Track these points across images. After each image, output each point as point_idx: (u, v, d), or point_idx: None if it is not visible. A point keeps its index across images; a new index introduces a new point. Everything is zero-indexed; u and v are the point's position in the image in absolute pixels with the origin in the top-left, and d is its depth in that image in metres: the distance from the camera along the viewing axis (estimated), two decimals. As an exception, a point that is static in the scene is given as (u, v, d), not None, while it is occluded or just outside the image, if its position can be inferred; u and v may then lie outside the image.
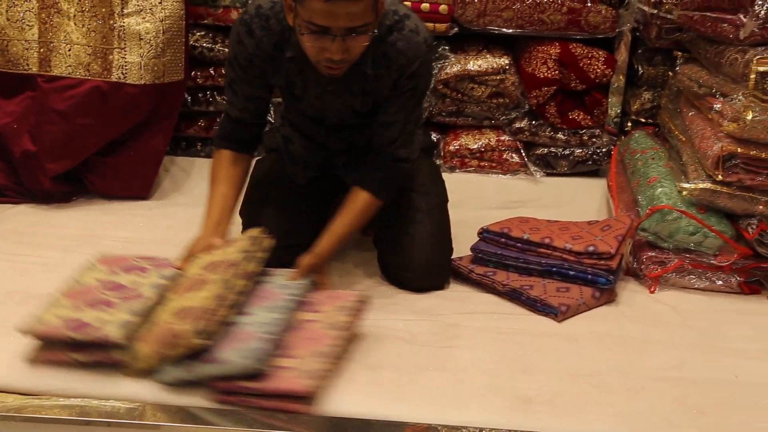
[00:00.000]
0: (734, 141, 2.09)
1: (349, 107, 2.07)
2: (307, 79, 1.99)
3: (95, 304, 1.70)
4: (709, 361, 1.83)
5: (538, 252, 2.16)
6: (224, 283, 1.70)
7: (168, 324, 1.61)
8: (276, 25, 1.93)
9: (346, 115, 2.11)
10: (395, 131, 2.05)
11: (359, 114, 2.09)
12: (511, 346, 1.85)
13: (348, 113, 2.09)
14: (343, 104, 2.06)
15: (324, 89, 2.01)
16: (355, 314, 1.80)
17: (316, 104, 2.07)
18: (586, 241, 2.12)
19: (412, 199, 2.21)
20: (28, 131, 2.63)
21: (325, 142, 2.21)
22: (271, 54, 1.96)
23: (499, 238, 2.21)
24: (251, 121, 2.12)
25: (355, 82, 1.98)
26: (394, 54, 1.93)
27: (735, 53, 2.15)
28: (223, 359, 1.57)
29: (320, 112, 2.11)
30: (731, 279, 2.19)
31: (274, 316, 1.70)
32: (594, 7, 2.81)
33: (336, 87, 2.00)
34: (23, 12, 2.62)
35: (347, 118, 2.12)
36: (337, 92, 2.02)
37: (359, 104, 2.05)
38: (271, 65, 1.98)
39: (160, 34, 2.60)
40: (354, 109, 2.07)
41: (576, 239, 2.14)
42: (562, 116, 2.89)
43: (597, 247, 2.09)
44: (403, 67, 1.94)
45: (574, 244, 2.11)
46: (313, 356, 1.63)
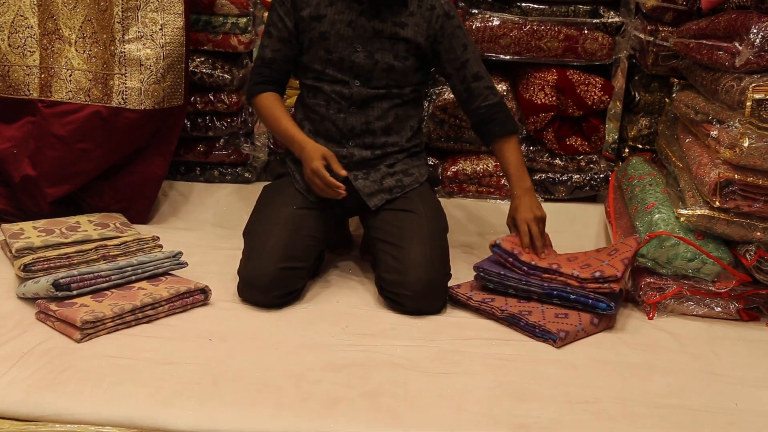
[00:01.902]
0: (731, 167, 2.09)
1: (377, 35, 2.28)
2: (339, 8, 2.27)
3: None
4: (709, 388, 1.83)
5: (542, 277, 2.16)
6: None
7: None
8: None
9: (374, 50, 2.28)
10: (474, 66, 2.36)
11: (386, 53, 2.29)
12: (510, 372, 1.85)
13: (375, 49, 2.28)
14: (372, 30, 2.27)
15: (358, 12, 2.26)
16: (183, 297, 2.07)
17: (346, 35, 2.27)
18: (594, 268, 2.12)
19: (413, 222, 2.23)
20: (28, 156, 2.64)
21: (345, 128, 2.33)
22: None
23: (507, 257, 2.21)
24: (281, 65, 2.38)
25: (388, 11, 2.28)
26: None
27: (731, 80, 2.17)
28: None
29: (347, 50, 2.28)
30: (730, 306, 2.19)
31: (119, 266, 2.10)
32: (591, 34, 2.83)
33: (368, 9, 2.26)
34: (25, 38, 2.63)
35: (373, 61, 2.29)
36: (368, 16, 2.27)
37: (389, 31, 2.28)
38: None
39: (160, 60, 2.62)
40: (382, 36, 2.28)
41: (584, 267, 2.15)
42: (560, 142, 2.91)
43: (603, 272, 2.09)
44: (434, 8, 2.31)
45: (582, 272, 2.12)
46: (112, 306, 1.95)
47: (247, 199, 2.90)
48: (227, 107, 2.93)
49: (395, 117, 2.35)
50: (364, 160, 2.34)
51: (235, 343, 1.93)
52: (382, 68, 2.30)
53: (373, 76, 2.31)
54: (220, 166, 3.05)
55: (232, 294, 2.19)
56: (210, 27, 2.88)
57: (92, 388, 1.69)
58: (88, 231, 2.42)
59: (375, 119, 2.33)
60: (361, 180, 2.32)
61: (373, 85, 2.31)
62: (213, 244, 2.60)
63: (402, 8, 2.29)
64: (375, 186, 2.32)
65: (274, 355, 1.88)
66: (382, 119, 2.34)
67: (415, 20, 2.30)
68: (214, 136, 3.00)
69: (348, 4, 2.27)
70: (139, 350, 1.86)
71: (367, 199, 2.30)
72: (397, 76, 2.33)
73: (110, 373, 1.75)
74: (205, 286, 2.13)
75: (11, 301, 2.10)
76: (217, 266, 2.37)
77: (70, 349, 1.85)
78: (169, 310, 2.05)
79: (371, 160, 2.35)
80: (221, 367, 1.80)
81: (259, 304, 2.13)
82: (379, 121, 2.34)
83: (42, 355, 1.81)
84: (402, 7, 2.29)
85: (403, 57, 2.31)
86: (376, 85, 2.31)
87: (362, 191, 2.30)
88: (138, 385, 1.71)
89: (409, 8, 2.29)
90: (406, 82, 2.36)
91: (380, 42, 2.29)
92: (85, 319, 1.88)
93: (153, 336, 1.94)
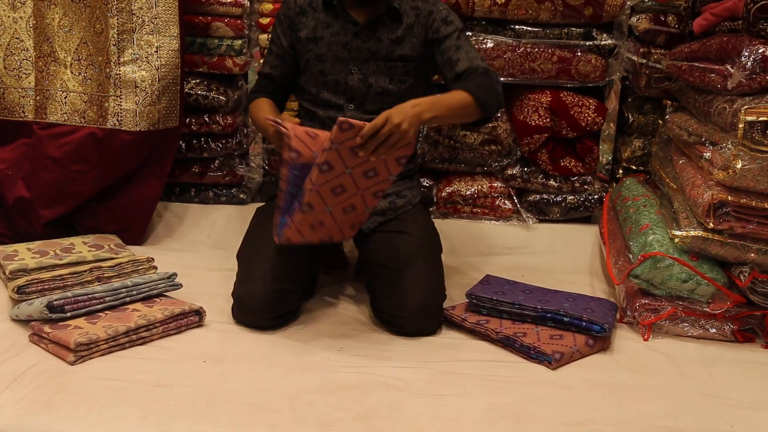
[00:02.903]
0: (724, 189, 2.10)
1: (373, 57, 2.28)
2: (335, 30, 2.29)
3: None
4: (704, 410, 1.82)
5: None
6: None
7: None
8: None
9: (368, 72, 2.29)
10: (468, 60, 2.25)
11: (381, 77, 2.28)
12: (505, 394, 1.84)
13: (370, 72, 2.29)
14: (368, 52, 2.28)
15: (353, 33, 2.27)
16: (177, 319, 2.07)
17: (342, 57, 2.29)
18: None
19: (407, 243, 2.23)
20: (22, 178, 2.64)
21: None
22: (305, 8, 2.33)
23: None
24: (278, 81, 2.43)
25: (384, 30, 2.28)
26: (421, 4, 2.31)
27: (723, 103, 2.18)
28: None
29: (342, 73, 2.29)
30: (725, 327, 2.19)
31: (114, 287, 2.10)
32: (584, 56, 2.86)
33: (364, 31, 2.27)
34: (20, 61, 2.64)
35: (367, 85, 2.29)
36: (364, 37, 2.27)
37: (385, 51, 2.28)
38: (302, 18, 2.33)
39: (155, 81, 2.63)
40: (378, 58, 2.28)
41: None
42: (554, 163, 2.92)
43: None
44: (431, 13, 2.29)
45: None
46: (106, 328, 1.95)
47: (242, 221, 2.90)
48: (222, 128, 2.94)
49: None
50: None
51: (229, 364, 1.92)
52: (376, 92, 2.31)
53: (368, 100, 2.32)
54: (215, 187, 3.05)
55: (226, 315, 2.19)
56: (205, 49, 2.90)
57: (86, 411, 1.68)
58: (82, 252, 2.41)
59: None
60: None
61: (367, 109, 2.32)
62: (208, 265, 2.60)
63: (397, 24, 2.29)
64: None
65: (269, 376, 1.87)
66: None
67: (413, 32, 2.30)
68: (209, 158, 3.00)
69: (344, 26, 2.29)
70: (133, 372, 1.85)
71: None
72: (392, 100, 2.25)
73: (104, 396, 1.74)
74: (200, 308, 2.13)
75: (5, 323, 2.09)
76: (212, 287, 2.36)
77: (64, 371, 1.84)
78: (163, 332, 2.04)
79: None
80: (215, 389, 1.79)
81: (254, 326, 2.12)
82: None
83: (35, 378, 1.80)
84: (397, 23, 2.29)
85: (399, 80, 2.32)
86: (370, 110, 2.31)
87: None
88: (132, 407, 1.70)
89: (404, 22, 2.29)
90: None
91: (376, 64, 2.30)
92: (79, 341, 1.87)
93: (147, 358, 1.93)
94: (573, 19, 2.83)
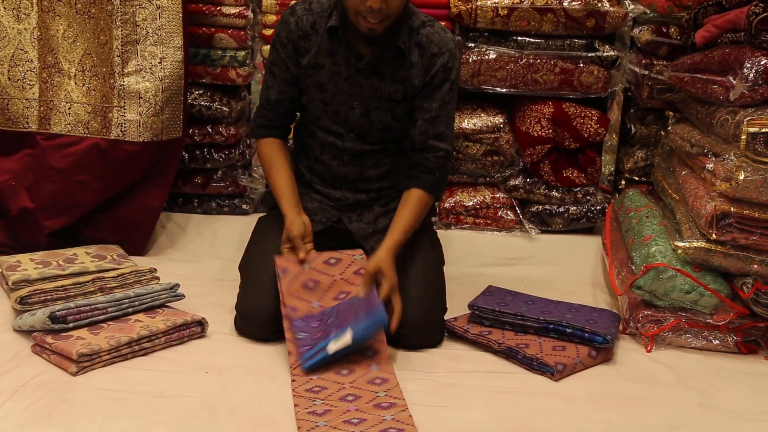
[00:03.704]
0: (727, 200, 2.10)
1: (375, 94, 2.21)
2: (338, 60, 2.19)
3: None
4: (707, 422, 1.82)
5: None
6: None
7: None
8: (317, 8, 2.21)
9: (371, 108, 2.22)
10: (441, 125, 2.23)
11: (384, 113, 2.23)
12: (507, 405, 1.84)
13: (372, 108, 2.23)
14: (370, 89, 2.20)
15: (355, 68, 2.18)
16: (179, 329, 2.06)
17: (343, 90, 2.21)
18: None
19: (409, 257, 2.22)
20: (26, 188, 2.65)
21: (338, 174, 2.30)
22: (308, 32, 2.20)
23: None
24: (287, 106, 2.31)
25: (388, 67, 2.19)
26: (427, 43, 2.18)
27: (726, 114, 2.19)
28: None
29: (344, 106, 2.23)
30: (728, 338, 2.18)
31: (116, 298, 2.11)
32: (586, 68, 2.86)
33: (367, 66, 2.18)
34: (25, 72, 2.65)
35: (369, 121, 2.24)
36: (366, 73, 2.19)
37: (387, 90, 2.20)
38: (305, 43, 2.21)
39: (159, 92, 2.64)
40: (380, 95, 2.21)
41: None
42: (557, 174, 2.92)
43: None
44: (435, 56, 2.18)
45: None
46: (108, 338, 1.95)
47: (244, 231, 2.89)
48: (225, 139, 2.95)
49: (391, 164, 2.33)
50: (358, 202, 2.34)
51: (231, 375, 1.92)
52: (378, 128, 2.26)
53: (369, 134, 2.27)
54: (218, 197, 3.06)
55: (228, 326, 2.18)
56: (209, 60, 2.91)
57: (87, 422, 1.67)
58: (85, 263, 2.42)
59: (370, 167, 2.31)
60: (356, 222, 2.31)
61: (369, 141, 2.28)
62: (210, 276, 2.60)
63: (402, 60, 2.19)
64: (369, 228, 2.31)
65: (271, 387, 1.87)
66: (377, 167, 2.32)
67: (416, 71, 2.20)
68: (211, 168, 3.01)
69: (346, 57, 2.19)
70: (135, 383, 1.85)
71: (363, 242, 2.29)
72: (393, 135, 2.28)
73: (106, 407, 1.73)
74: (202, 319, 2.13)
75: (7, 333, 2.09)
76: (214, 298, 2.36)
77: (66, 382, 1.84)
78: (165, 343, 2.04)
79: (366, 201, 2.34)
80: (218, 400, 1.79)
81: (256, 338, 2.12)
82: (374, 169, 2.32)
83: (37, 389, 1.80)
84: (402, 59, 2.19)
85: (402, 118, 2.26)
86: (372, 141, 2.28)
87: (357, 234, 2.30)
88: (134, 418, 1.70)
89: (408, 59, 2.19)
90: (404, 137, 2.30)
91: (378, 101, 2.22)
92: (81, 352, 1.87)
93: (149, 369, 1.93)
94: (575, 30, 2.84)
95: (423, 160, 2.23)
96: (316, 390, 1.85)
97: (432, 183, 2.23)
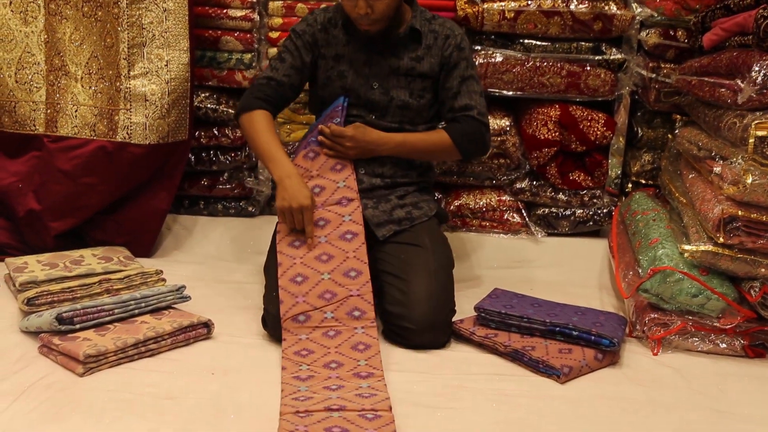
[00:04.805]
0: (735, 204, 2.10)
1: (393, 72, 2.35)
2: (356, 47, 2.36)
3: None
4: (714, 425, 1.81)
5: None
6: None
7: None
8: (332, 9, 2.43)
9: (389, 87, 2.36)
10: (465, 99, 2.37)
11: (402, 91, 2.36)
12: (513, 408, 1.83)
13: (391, 86, 2.36)
14: (389, 68, 2.35)
15: (373, 50, 2.34)
16: (185, 331, 2.07)
17: (363, 73, 2.35)
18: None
19: (419, 256, 2.24)
20: (33, 190, 2.66)
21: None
22: (325, 26, 2.40)
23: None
24: (287, 91, 2.41)
25: (404, 49, 2.36)
26: (440, 29, 2.39)
27: (733, 117, 2.18)
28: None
29: (364, 88, 2.36)
30: (735, 342, 2.18)
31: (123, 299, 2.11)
32: (593, 71, 2.86)
33: (385, 49, 2.34)
34: (32, 74, 2.66)
35: (388, 98, 2.36)
36: (386, 54, 2.35)
37: (405, 68, 2.35)
38: (324, 36, 2.40)
39: (165, 95, 2.64)
40: (398, 73, 2.35)
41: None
42: (563, 177, 2.92)
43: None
44: (448, 38, 2.38)
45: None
46: (115, 340, 1.95)
47: (250, 233, 2.91)
48: (231, 141, 2.95)
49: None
50: (374, 187, 2.36)
51: (237, 377, 1.92)
52: (398, 105, 2.37)
53: (388, 113, 2.38)
54: (224, 200, 3.06)
55: (235, 328, 2.19)
56: (215, 63, 2.91)
57: (94, 423, 1.68)
58: (91, 265, 2.42)
59: (388, 164, 2.39)
60: (371, 209, 2.33)
61: (388, 120, 2.38)
62: (216, 277, 2.60)
63: (417, 44, 2.36)
64: (384, 216, 2.33)
65: (277, 389, 1.86)
66: (394, 161, 2.39)
67: (431, 53, 2.37)
68: (218, 170, 3.01)
69: (364, 44, 2.35)
70: (141, 384, 1.85)
71: (376, 229, 2.31)
72: (411, 114, 2.39)
73: (112, 408, 1.74)
74: (208, 320, 2.13)
75: (14, 335, 2.10)
76: (221, 300, 2.36)
77: (73, 383, 1.84)
78: (171, 344, 2.04)
79: (381, 188, 2.37)
80: (224, 402, 1.79)
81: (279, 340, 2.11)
82: (390, 165, 2.39)
83: (44, 390, 1.80)
84: (417, 43, 2.36)
85: (418, 95, 2.37)
86: (391, 121, 2.38)
87: (371, 220, 2.31)
88: (140, 419, 1.70)
89: (423, 43, 2.37)
90: (420, 120, 2.42)
91: (396, 79, 2.37)
92: (88, 353, 1.87)
93: (155, 370, 1.93)
94: (582, 33, 2.84)
95: (453, 120, 2.39)
96: (303, 354, 1.99)
97: (456, 131, 2.36)
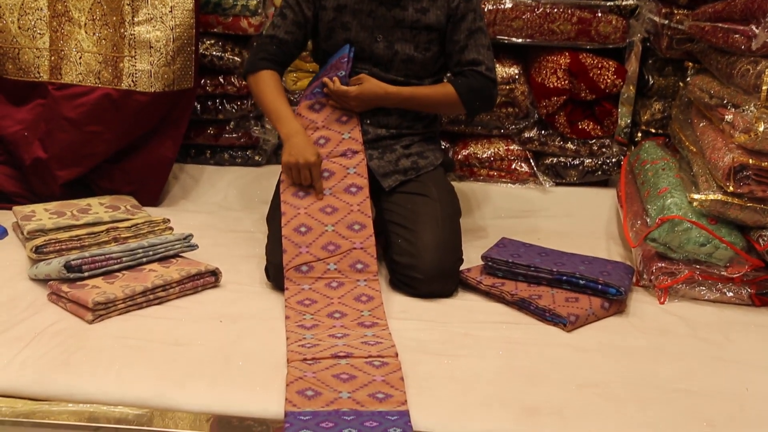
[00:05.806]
0: (746, 152, 2.08)
1: (398, 24, 2.29)
2: None
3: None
4: (719, 373, 1.82)
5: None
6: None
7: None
8: None
9: (393, 40, 2.30)
10: (473, 53, 2.33)
11: (406, 44, 2.31)
12: (519, 356, 1.84)
13: (395, 39, 2.30)
14: (393, 20, 2.29)
15: (378, 2, 2.28)
16: (193, 279, 2.08)
17: (366, 25, 2.29)
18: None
19: (427, 205, 2.24)
20: (39, 139, 2.65)
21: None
22: None
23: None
24: (290, 49, 2.39)
25: (409, 1, 2.28)
26: None
27: (747, 64, 2.15)
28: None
29: (368, 40, 2.30)
30: (742, 291, 2.18)
31: (130, 248, 2.11)
32: (604, 17, 2.81)
33: (389, 0, 2.27)
34: (35, 20, 2.63)
35: (392, 51, 2.31)
36: (389, 5, 2.28)
37: (410, 20, 2.29)
38: None
39: (170, 42, 2.61)
40: (403, 25, 2.29)
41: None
42: (572, 126, 2.89)
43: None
44: None
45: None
46: (123, 287, 1.96)
47: (257, 182, 2.90)
48: (237, 90, 2.92)
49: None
50: (379, 138, 2.34)
51: (245, 324, 1.93)
52: (402, 59, 2.32)
53: (393, 66, 2.33)
54: (231, 149, 3.05)
55: (242, 276, 2.20)
56: (220, 9, 2.87)
57: (104, 369, 1.70)
58: (99, 213, 2.43)
59: (394, 116, 2.36)
60: (376, 160, 2.32)
61: (393, 74, 2.33)
62: (223, 226, 2.60)
63: None
64: (390, 167, 2.32)
65: (284, 336, 1.88)
66: (400, 115, 2.36)
67: (437, 3, 2.31)
68: (224, 119, 2.99)
69: None
70: (150, 331, 1.87)
71: (382, 180, 2.30)
72: (416, 68, 2.34)
73: (122, 354, 1.76)
74: (216, 269, 2.13)
75: (23, 282, 2.11)
76: (228, 248, 2.37)
77: (82, 330, 1.86)
78: (179, 292, 2.06)
79: (387, 138, 2.35)
80: (232, 348, 1.81)
81: (279, 288, 2.12)
82: (396, 118, 2.37)
83: (54, 336, 1.82)
84: None
85: (424, 48, 2.33)
86: (396, 74, 2.33)
87: (376, 171, 2.30)
88: (149, 366, 1.72)
89: None
90: (426, 73, 2.37)
91: (401, 32, 2.31)
92: (97, 301, 1.89)
93: (164, 317, 1.94)
94: (593, -22, 2.78)
95: (460, 74, 2.35)
96: (306, 303, 2.00)
97: (463, 86, 2.32)
